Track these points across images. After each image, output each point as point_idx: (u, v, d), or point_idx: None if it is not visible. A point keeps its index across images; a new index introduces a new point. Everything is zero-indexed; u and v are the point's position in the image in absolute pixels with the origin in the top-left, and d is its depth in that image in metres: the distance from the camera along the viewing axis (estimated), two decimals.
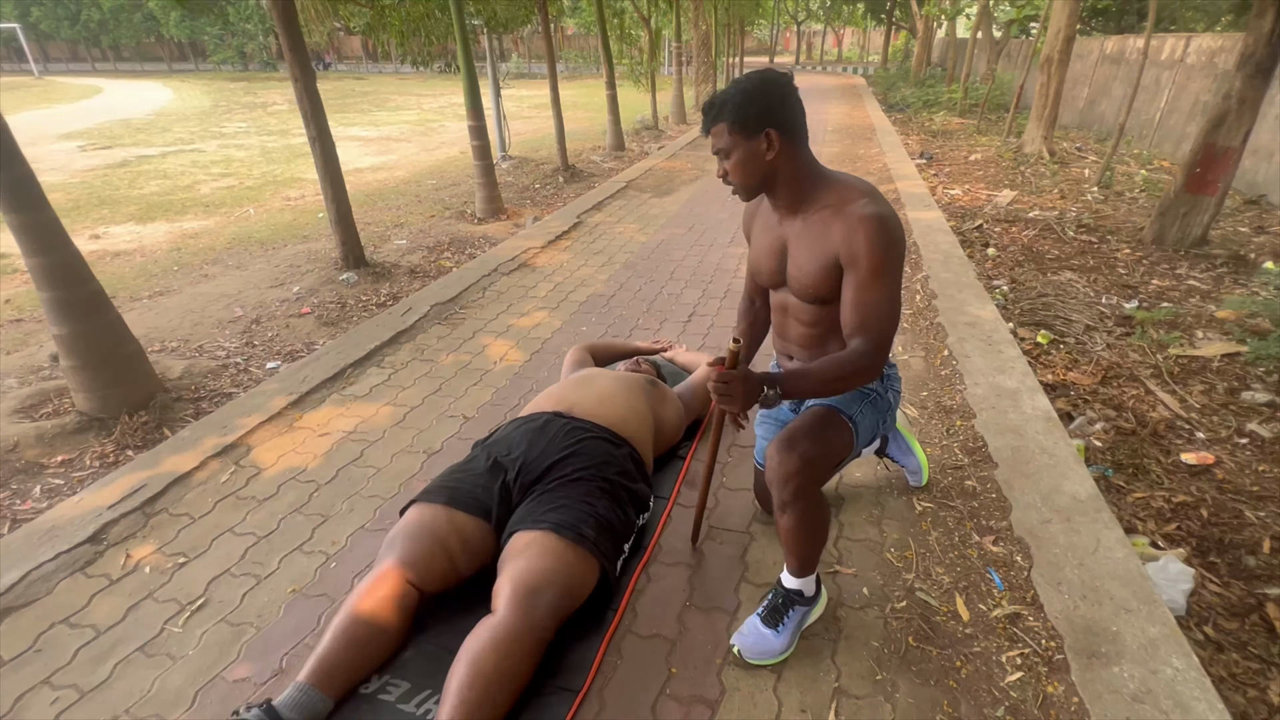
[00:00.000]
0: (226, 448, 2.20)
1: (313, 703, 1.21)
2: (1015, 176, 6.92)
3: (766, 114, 1.29)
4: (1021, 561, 1.68)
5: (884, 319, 1.28)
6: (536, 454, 1.61)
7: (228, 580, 1.67)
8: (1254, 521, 2.03)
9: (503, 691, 1.21)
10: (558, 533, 1.41)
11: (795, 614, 1.45)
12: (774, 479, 1.35)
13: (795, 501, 1.34)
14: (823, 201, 1.35)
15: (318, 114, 3.78)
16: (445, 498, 1.51)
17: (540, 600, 1.30)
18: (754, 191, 1.40)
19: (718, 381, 1.22)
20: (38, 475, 2.29)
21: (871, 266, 1.26)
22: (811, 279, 1.37)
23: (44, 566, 1.68)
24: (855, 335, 1.29)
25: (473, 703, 1.16)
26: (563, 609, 1.35)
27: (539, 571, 1.33)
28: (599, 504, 1.53)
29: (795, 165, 1.34)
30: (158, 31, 29.31)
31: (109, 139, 11.10)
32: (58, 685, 1.40)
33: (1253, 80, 3.83)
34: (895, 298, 1.29)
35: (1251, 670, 1.58)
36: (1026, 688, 1.37)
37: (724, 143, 1.33)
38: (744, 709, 1.33)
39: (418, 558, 1.39)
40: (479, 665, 1.19)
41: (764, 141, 1.30)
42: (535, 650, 1.28)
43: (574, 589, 1.38)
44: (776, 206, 1.44)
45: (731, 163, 1.34)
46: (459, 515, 1.48)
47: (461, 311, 3.41)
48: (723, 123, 1.31)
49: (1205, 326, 3.29)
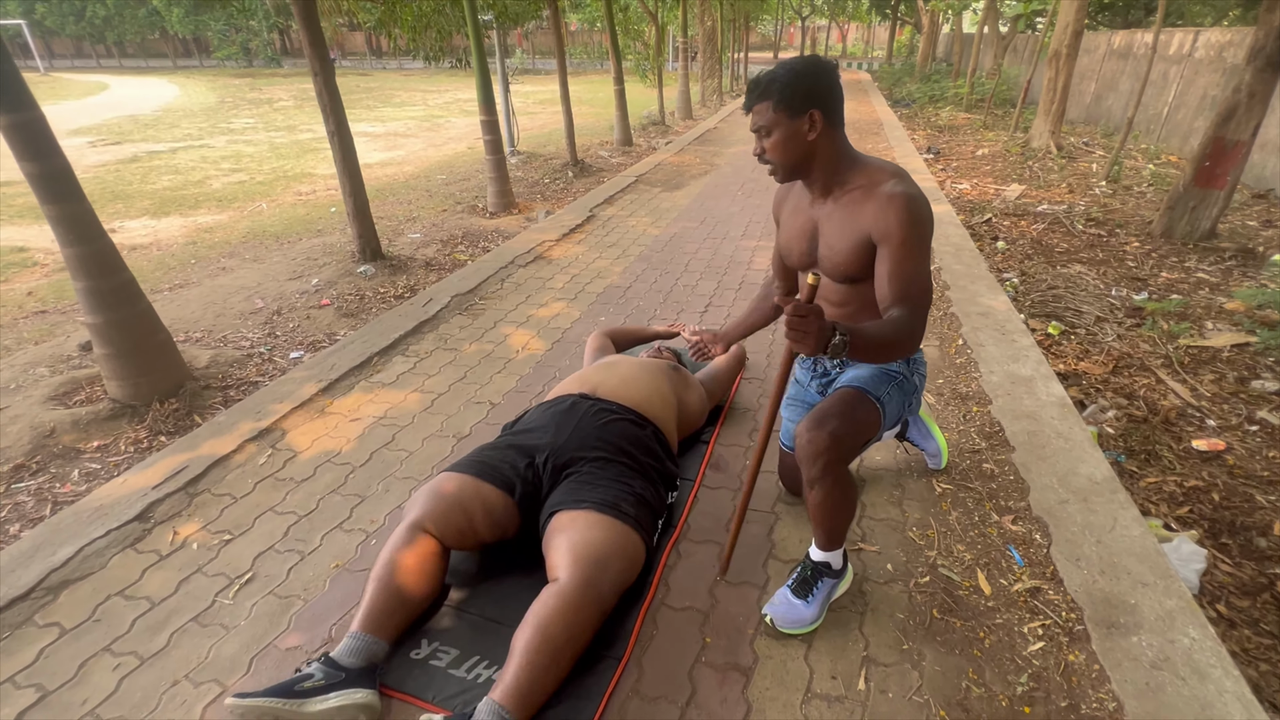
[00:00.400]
0: (262, 432, 2.26)
1: (369, 647, 1.29)
2: (1023, 171, 6.95)
3: (812, 95, 1.33)
4: (1040, 539, 1.74)
5: (921, 290, 1.32)
6: (565, 437, 1.66)
7: (273, 556, 1.73)
8: (1265, 505, 2.08)
9: (566, 655, 1.26)
10: (600, 511, 1.46)
11: (824, 586, 1.50)
12: (804, 456, 1.40)
13: (824, 477, 1.39)
14: (854, 183, 1.41)
15: (337, 108, 3.83)
16: (472, 470, 1.58)
17: (607, 570, 1.36)
18: (790, 171, 1.43)
19: (794, 314, 1.10)
20: (75, 459, 2.35)
21: (904, 240, 1.31)
22: (843, 258, 1.42)
23: (96, 543, 1.75)
24: (895, 306, 1.32)
25: (540, 665, 1.22)
26: (624, 582, 1.41)
27: (599, 543, 1.39)
28: (634, 483, 1.59)
29: (833, 148, 1.39)
30: (162, 27, 29.35)
31: (118, 135, 11.16)
32: (118, 652, 1.46)
33: (1263, 74, 3.87)
34: (928, 273, 1.34)
35: (1264, 646, 1.64)
36: (1048, 656, 1.42)
37: (766, 120, 1.37)
38: (777, 675, 1.39)
39: (437, 513, 1.46)
40: (546, 629, 1.24)
41: (807, 122, 1.35)
42: (598, 618, 1.33)
43: (633, 561, 1.44)
44: (810, 188, 1.48)
45: (772, 141, 1.38)
46: (484, 485, 1.55)
47: (481, 302, 3.47)
48: (768, 100, 1.35)
49: (1215, 318, 3.34)
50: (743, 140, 9.13)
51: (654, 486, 1.66)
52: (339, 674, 1.24)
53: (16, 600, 1.56)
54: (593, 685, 1.34)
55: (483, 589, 1.58)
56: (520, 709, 1.19)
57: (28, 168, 2.31)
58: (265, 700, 1.15)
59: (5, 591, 1.58)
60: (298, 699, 1.17)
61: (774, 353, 2.83)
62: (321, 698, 1.19)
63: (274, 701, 1.15)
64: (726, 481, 2.01)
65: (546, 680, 1.23)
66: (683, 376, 2.11)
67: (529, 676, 1.21)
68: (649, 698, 1.34)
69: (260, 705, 1.15)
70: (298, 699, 1.17)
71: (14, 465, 2.29)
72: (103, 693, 1.37)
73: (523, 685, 1.20)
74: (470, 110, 14.56)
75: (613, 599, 1.38)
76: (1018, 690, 1.35)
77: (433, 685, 1.35)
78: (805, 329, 1.10)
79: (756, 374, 2.65)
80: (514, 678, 1.20)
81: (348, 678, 1.24)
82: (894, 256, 1.32)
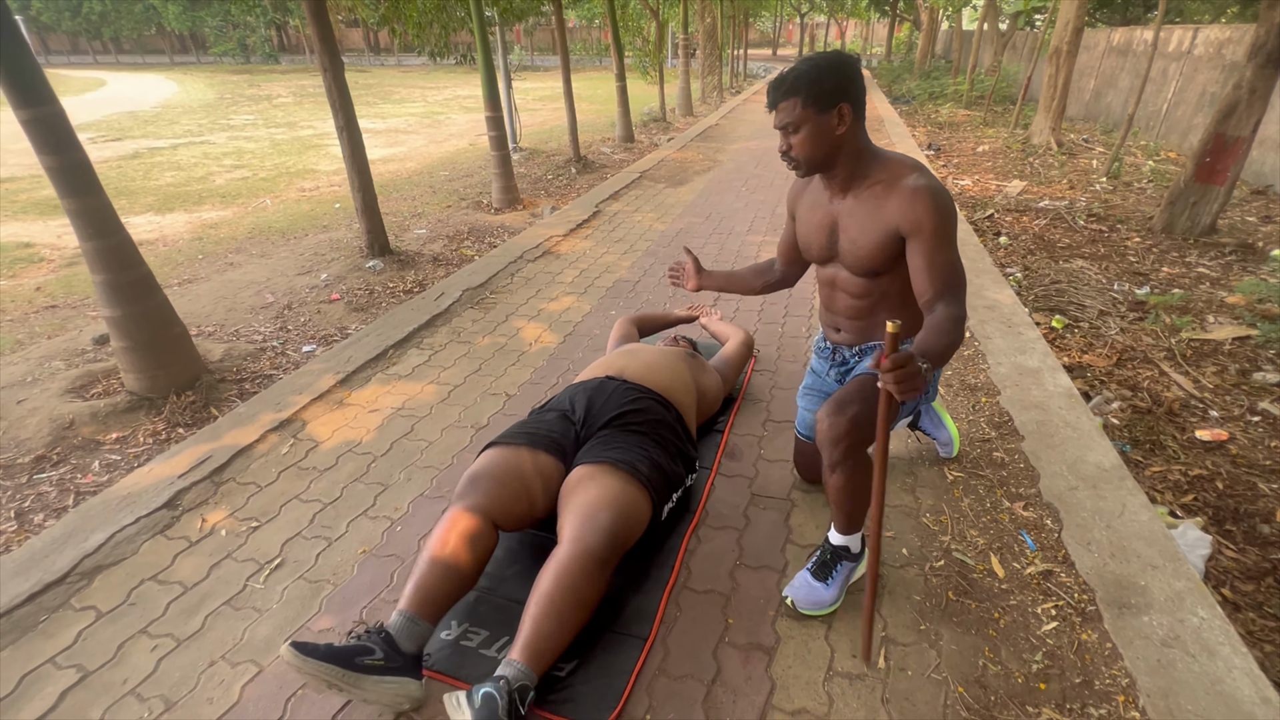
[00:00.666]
0: (283, 423, 2.30)
1: (421, 631, 1.32)
2: (1024, 167, 7.00)
3: (840, 89, 1.36)
4: (1051, 524, 1.78)
5: (960, 280, 1.35)
6: (597, 408, 1.73)
7: (301, 542, 1.77)
8: (1268, 493, 2.13)
9: (571, 614, 1.30)
10: (614, 465, 1.52)
11: (843, 568, 1.54)
12: (824, 440, 1.44)
13: (845, 461, 1.43)
14: (874, 178, 1.43)
15: (346, 104, 3.85)
16: (525, 440, 1.61)
17: (598, 522, 1.40)
18: (816, 167, 1.46)
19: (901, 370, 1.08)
20: (95, 451, 2.38)
21: (936, 232, 1.33)
22: (866, 251, 1.45)
23: (126, 529, 1.78)
24: (938, 300, 1.33)
25: (548, 627, 1.27)
26: (619, 534, 1.43)
27: (595, 499, 1.44)
28: (652, 450, 1.64)
29: (856, 142, 1.42)
30: (158, 23, 29.21)
31: (118, 131, 11.14)
32: (155, 634, 1.49)
33: (1264, 70, 3.91)
34: (960, 260, 1.36)
35: (1268, 628, 1.68)
36: (1062, 635, 1.46)
37: (794, 117, 1.38)
38: (799, 654, 1.43)
39: (500, 497, 1.48)
40: (546, 590, 1.30)
41: (835, 116, 1.37)
42: (595, 571, 1.35)
43: (629, 514, 1.46)
44: (830, 183, 1.51)
45: (800, 137, 1.40)
46: (540, 455, 1.59)
47: (493, 296, 3.50)
48: (795, 96, 1.37)
49: (1216, 311, 3.38)
50: (745, 137, 9.15)
51: (672, 461, 1.70)
52: (397, 659, 1.26)
53: (52, 585, 1.60)
54: (621, 664, 1.38)
55: (510, 573, 1.62)
56: (532, 659, 1.24)
57: (48, 161, 2.33)
58: (327, 666, 1.16)
59: (41, 576, 1.61)
60: (357, 673, 1.19)
61: (784, 345, 2.87)
62: (379, 678, 1.21)
63: (335, 669, 1.17)
64: (742, 470, 2.05)
65: (557, 637, 1.28)
66: (699, 363, 2.16)
67: (537, 634, 1.26)
68: (675, 676, 1.38)
69: (321, 669, 1.16)
70: (357, 673, 1.19)
71: (35, 456, 2.32)
72: (142, 673, 1.40)
73: (531, 641, 1.26)
74: (470, 107, 14.54)
75: (609, 550, 1.39)
76: (1033, 668, 1.39)
77: (465, 664, 1.39)
78: (912, 380, 1.10)
79: (768, 366, 2.69)
80: (524, 638, 1.26)
81: (404, 665, 1.26)
82: (926, 249, 1.34)
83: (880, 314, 1.56)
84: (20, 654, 1.44)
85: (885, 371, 1.10)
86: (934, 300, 1.33)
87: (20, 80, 2.21)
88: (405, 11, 6.07)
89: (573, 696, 1.29)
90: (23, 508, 2.08)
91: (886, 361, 1.10)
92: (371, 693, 1.21)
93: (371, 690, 1.20)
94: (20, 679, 1.39)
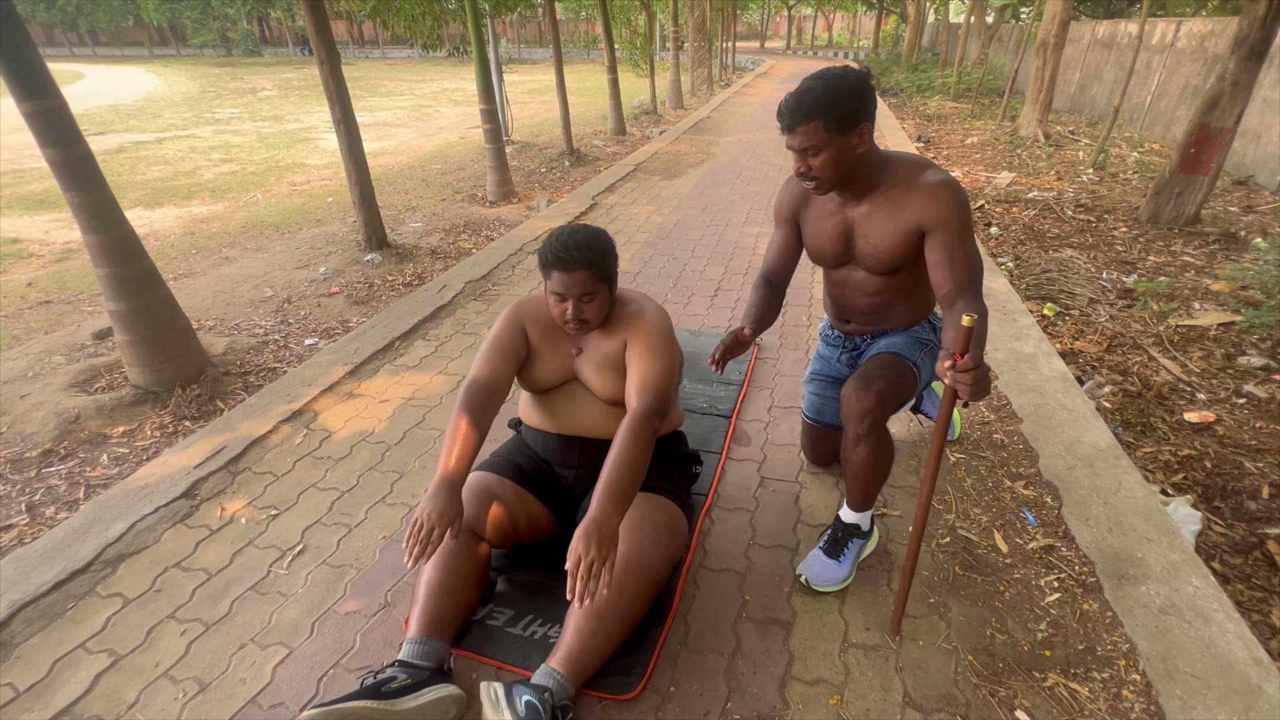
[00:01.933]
0: (295, 413, 2.31)
1: (437, 650, 1.30)
2: (1012, 159, 7.10)
3: (861, 110, 1.35)
4: (1051, 502, 1.85)
5: (978, 272, 1.36)
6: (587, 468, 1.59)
7: (321, 529, 1.79)
8: (1253, 471, 2.21)
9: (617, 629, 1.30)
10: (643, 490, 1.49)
11: (854, 546, 1.60)
12: (850, 414, 1.48)
13: (869, 435, 1.47)
14: (889, 181, 1.44)
15: (343, 96, 3.84)
16: (511, 475, 1.55)
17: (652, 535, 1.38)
18: (837, 185, 1.44)
19: (976, 370, 1.09)
20: (102, 445, 2.38)
21: (956, 224, 1.36)
22: (889, 253, 1.47)
23: (146, 519, 1.79)
24: (959, 295, 1.32)
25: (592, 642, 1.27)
26: (670, 551, 1.42)
27: (640, 518, 1.42)
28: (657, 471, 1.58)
29: (871, 153, 1.42)
30: (136, 15, 28.66)
31: (100, 125, 10.96)
32: (183, 619, 1.52)
33: (1246, 62, 4.00)
34: (978, 252, 1.38)
35: (1255, 598, 1.76)
36: (1065, 605, 1.53)
37: (817, 140, 1.34)
38: (815, 628, 1.48)
39: (484, 521, 1.46)
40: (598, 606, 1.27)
41: (856, 136, 1.37)
42: (650, 590, 1.35)
43: (676, 531, 1.46)
44: (845, 194, 1.50)
45: (821, 160, 1.37)
46: (525, 494, 1.54)
47: (495, 288, 3.52)
48: (817, 120, 1.33)
49: (1201, 298, 3.48)
50: (737, 129, 9.19)
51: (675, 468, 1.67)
52: (422, 672, 1.24)
53: (77, 573, 1.61)
54: (643, 640, 1.42)
55: (530, 556, 1.65)
56: (573, 673, 1.25)
57: (51, 154, 2.32)
58: (355, 703, 1.13)
59: (65, 565, 1.63)
60: (389, 699, 1.16)
61: (785, 334, 2.92)
62: (414, 695, 1.20)
63: (365, 704, 1.14)
64: (750, 454, 2.10)
65: (598, 650, 1.28)
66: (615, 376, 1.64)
67: (580, 647, 1.26)
68: (697, 650, 1.43)
69: (352, 709, 1.12)
70: (389, 699, 1.16)
71: (42, 450, 2.32)
72: (173, 656, 1.43)
73: (574, 654, 1.26)
74: (459, 100, 14.45)
75: (665, 569, 1.40)
76: (1038, 636, 1.45)
77: (491, 643, 1.42)
78: (983, 382, 1.11)
79: (770, 354, 2.74)
80: (567, 648, 1.26)
81: (430, 677, 1.25)
82: (948, 242, 1.36)
83: (894, 306, 1.60)
84: (50, 640, 1.46)
85: (962, 370, 1.09)
86: (955, 294, 1.33)
87: (23, 72, 2.20)
88: (396, 3, 6.03)
89: (602, 671, 1.33)
90: (33, 501, 2.08)
91: (964, 360, 1.09)
92: (414, 713, 1.18)
93: (413, 710, 1.18)
94: (53, 664, 1.40)
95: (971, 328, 1.09)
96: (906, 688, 1.34)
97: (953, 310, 1.32)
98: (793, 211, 1.65)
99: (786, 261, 1.71)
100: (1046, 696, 1.32)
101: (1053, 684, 1.35)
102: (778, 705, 1.31)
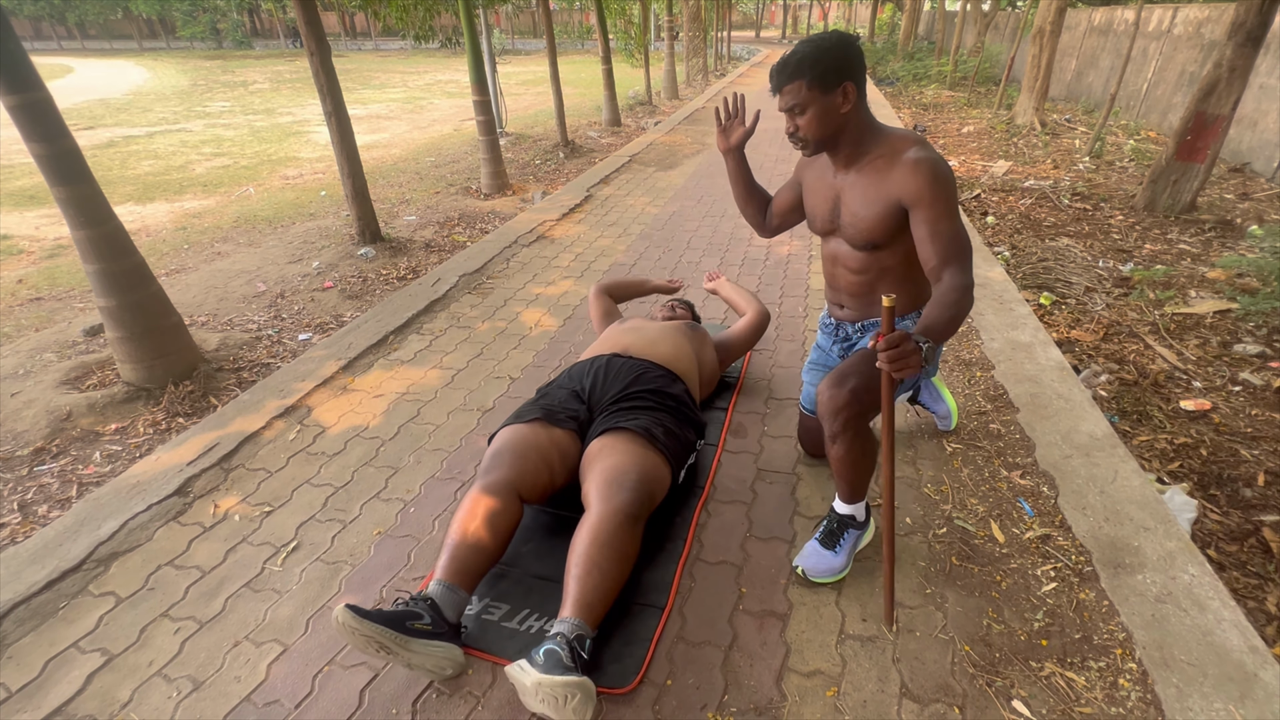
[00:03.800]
0: (289, 409, 2.30)
1: (460, 600, 1.37)
2: (1008, 148, 7.07)
3: (844, 68, 1.38)
4: (1048, 491, 1.84)
5: (965, 247, 1.36)
6: (606, 384, 1.79)
7: (315, 525, 1.78)
8: (1249, 459, 2.21)
9: (610, 564, 1.35)
10: (631, 432, 1.59)
11: (849, 537, 1.59)
12: (825, 412, 1.48)
13: (844, 432, 1.47)
14: (876, 152, 1.46)
15: (334, 88, 3.79)
16: (541, 415, 1.67)
17: (625, 482, 1.46)
18: (823, 145, 1.49)
19: (895, 349, 1.12)
20: (94, 442, 2.36)
21: (937, 201, 1.36)
22: (867, 224, 1.48)
23: (139, 516, 1.78)
24: (945, 267, 1.35)
25: (593, 583, 1.32)
26: (646, 490, 1.49)
27: (618, 463, 1.50)
28: (665, 418, 1.70)
29: (859, 118, 1.45)
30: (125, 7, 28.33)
31: (90, 119, 10.85)
32: (177, 617, 1.51)
33: (1243, 48, 3.98)
34: (964, 227, 1.39)
35: (1250, 585, 1.76)
36: (1061, 595, 1.53)
37: (800, 98, 1.41)
38: (811, 619, 1.48)
39: (522, 470, 1.53)
40: (585, 550, 1.35)
41: (840, 95, 1.40)
42: (629, 525, 1.41)
43: (652, 474, 1.54)
44: (834, 158, 1.54)
45: (807, 118, 1.42)
46: (556, 430, 1.64)
47: (489, 282, 3.50)
48: (800, 79, 1.39)
49: (1197, 286, 3.48)
50: None
51: (682, 428, 1.75)
52: (443, 625, 1.31)
53: (69, 572, 1.60)
54: (641, 632, 1.42)
55: (525, 550, 1.65)
56: (583, 611, 1.29)
57: (36, 149, 2.29)
58: (380, 628, 1.20)
59: (57, 564, 1.61)
60: (408, 635, 1.23)
61: (781, 324, 2.90)
62: (427, 642, 1.26)
63: (388, 632, 1.21)
64: (747, 446, 2.09)
65: (603, 589, 1.33)
66: (700, 335, 2.20)
67: (583, 590, 1.31)
68: (694, 643, 1.43)
69: (376, 630, 1.20)
70: (408, 635, 1.23)
71: (34, 449, 2.30)
72: (167, 654, 1.42)
73: (580, 598, 1.31)
74: (452, 92, 14.33)
75: (639, 506, 1.46)
76: (1035, 625, 1.45)
77: (486, 636, 1.42)
78: (906, 358, 1.13)
79: (767, 345, 2.73)
80: (571, 596, 1.31)
81: (448, 631, 1.31)
82: (930, 218, 1.37)
83: (880, 289, 1.60)
84: (42, 640, 1.45)
85: (881, 350, 1.13)
86: (940, 268, 1.35)
87: (6, 65, 2.16)
88: None
89: (598, 664, 1.33)
90: (25, 499, 2.07)
91: (882, 340, 1.13)
92: (418, 656, 1.24)
93: (419, 653, 1.24)
94: (45, 664, 1.40)
95: (891, 307, 1.14)
96: (903, 678, 1.34)
97: (939, 285, 1.34)
98: (801, 169, 1.73)
99: (785, 203, 1.81)
100: (1043, 686, 1.33)
101: (1049, 673, 1.35)
102: (774, 698, 1.31)
